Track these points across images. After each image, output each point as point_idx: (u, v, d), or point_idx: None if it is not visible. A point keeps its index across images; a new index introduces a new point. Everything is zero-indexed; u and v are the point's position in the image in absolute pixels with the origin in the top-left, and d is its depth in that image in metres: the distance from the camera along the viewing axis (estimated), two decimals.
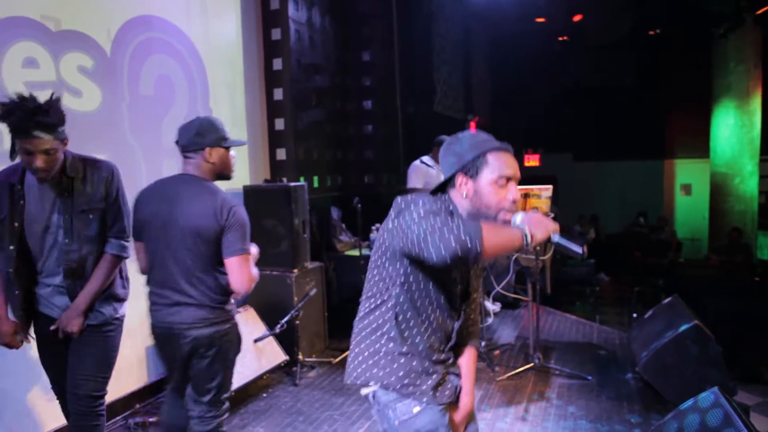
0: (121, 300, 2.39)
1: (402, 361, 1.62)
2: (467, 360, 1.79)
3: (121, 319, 2.38)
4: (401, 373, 1.61)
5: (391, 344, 1.63)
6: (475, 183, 1.59)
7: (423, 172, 4.82)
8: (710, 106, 8.38)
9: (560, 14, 9.23)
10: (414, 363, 1.62)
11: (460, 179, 1.61)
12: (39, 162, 2.02)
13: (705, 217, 9.19)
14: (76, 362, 2.27)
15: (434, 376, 1.64)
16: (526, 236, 1.48)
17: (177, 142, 2.30)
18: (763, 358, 4.17)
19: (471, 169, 1.58)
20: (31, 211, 2.17)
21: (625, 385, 3.88)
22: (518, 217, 1.55)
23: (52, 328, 2.22)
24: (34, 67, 2.95)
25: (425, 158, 4.88)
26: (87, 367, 2.27)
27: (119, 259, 2.32)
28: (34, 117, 1.97)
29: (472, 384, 1.77)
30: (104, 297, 2.30)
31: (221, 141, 2.29)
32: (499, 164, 1.58)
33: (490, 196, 1.58)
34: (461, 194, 1.61)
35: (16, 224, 2.16)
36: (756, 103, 7.96)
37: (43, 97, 2.03)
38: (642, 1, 8.79)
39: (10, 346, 2.26)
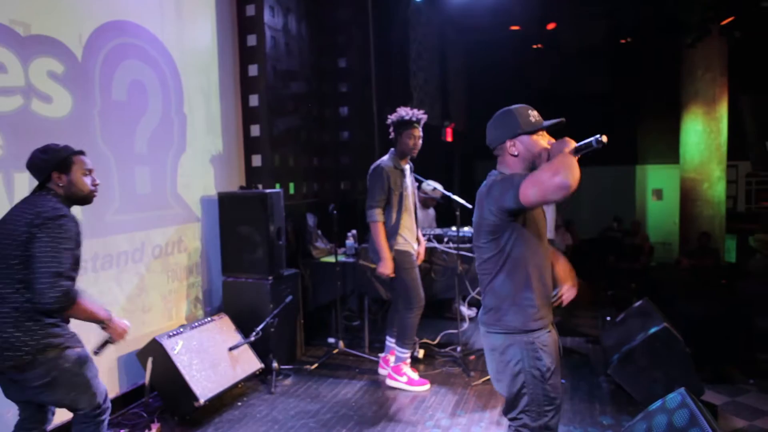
0: None
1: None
2: None
3: None
4: None
5: None
6: None
7: None
8: (680, 113, 8.58)
9: (534, 22, 9.36)
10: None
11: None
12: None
13: (676, 221, 9.39)
14: None
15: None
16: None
17: None
18: (732, 358, 4.27)
19: None
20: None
21: (598, 387, 3.94)
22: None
23: None
24: (2, 72, 2.91)
25: None
26: None
27: None
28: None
29: None
30: None
31: None
32: None
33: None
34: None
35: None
36: (723, 110, 8.17)
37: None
38: (613, 10, 8.96)
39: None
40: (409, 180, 4.03)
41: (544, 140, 2.11)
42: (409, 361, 4.04)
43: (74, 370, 2.27)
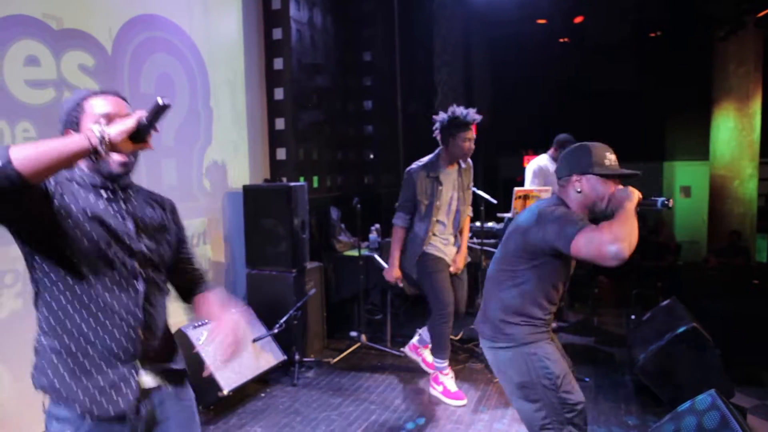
0: None
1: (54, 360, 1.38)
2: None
3: None
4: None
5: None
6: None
7: (544, 172, 4.93)
8: (710, 108, 8.38)
9: (561, 16, 9.22)
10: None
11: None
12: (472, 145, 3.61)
13: (704, 219, 9.19)
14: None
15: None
16: (98, 138, 1.16)
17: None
18: (762, 360, 4.17)
19: None
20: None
21: (623, 387, 3.89)
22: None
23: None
24: (36, 65, 2.96)
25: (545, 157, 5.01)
26: None
27: None
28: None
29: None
30: None
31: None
32: None
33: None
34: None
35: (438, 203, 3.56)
36: (756, 106, 7.95)
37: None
38: (643, 3, 8.78)
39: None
40: (451, 184, 3.65)
41: (612, 186, 2.03)
42: (447, 371, 3.71)
43: None
